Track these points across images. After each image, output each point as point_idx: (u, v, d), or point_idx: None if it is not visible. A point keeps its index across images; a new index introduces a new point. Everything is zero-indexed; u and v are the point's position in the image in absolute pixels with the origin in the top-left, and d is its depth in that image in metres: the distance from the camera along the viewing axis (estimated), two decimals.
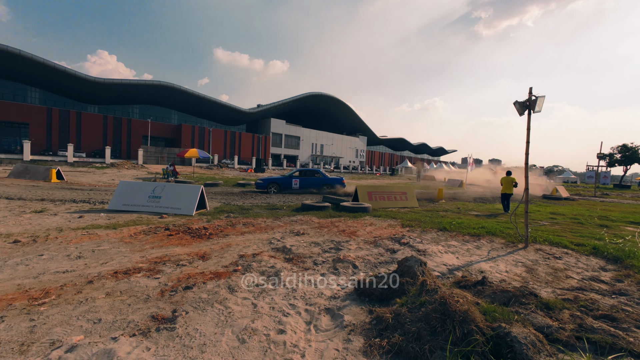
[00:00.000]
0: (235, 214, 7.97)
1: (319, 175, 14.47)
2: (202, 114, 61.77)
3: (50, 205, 7.90)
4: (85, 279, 3.49)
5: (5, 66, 39.19)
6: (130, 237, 5.33)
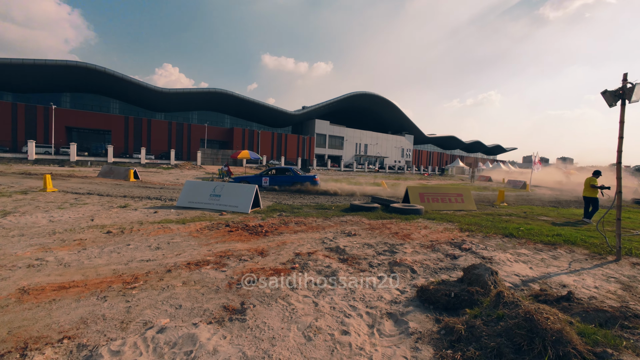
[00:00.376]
0: (287, 213, 8.24)
1: (290, 174, 14.55)
2: (251, 117, 65.39)
3: (131, 202, 9.06)
4: (164, 268, 3.92)
5: (93, 82, 46.19)
6: (197, 232, 5.85)
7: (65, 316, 2.65)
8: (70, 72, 42.26)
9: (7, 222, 5.85)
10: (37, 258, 4.03)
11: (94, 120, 47.09)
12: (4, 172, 17.38)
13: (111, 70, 43.82)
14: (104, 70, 43.34)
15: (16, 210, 6.93)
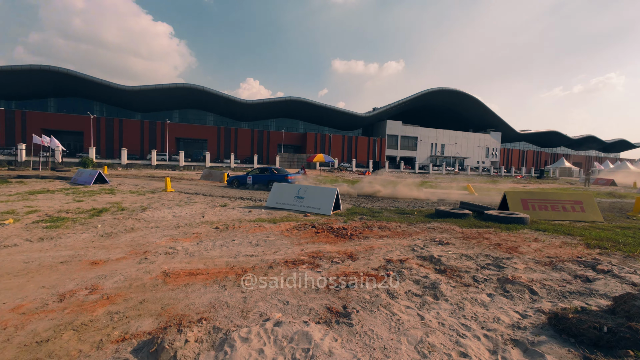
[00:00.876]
0: (368, 217, 8.13)
1: (267, 173, 16.14)
2: (322, 122, 67.58)
3: (229, 201, 10.33)
4: (266, 263, 4.27)
5: (195, 99, 54.83)
6: (288, 232, 6.24)
7: (198, 299, 3.11)
8: (179, 92, 51.18)
9: (146, 216, 7.33)
10: (170, 247, 4.90)
11: (195, 131, 55.90)
12: (137, 175, 22.08)
13: (208, 88, 51.33)
14: (203, 89, 51.04)
15: (150, 206, 8.65)
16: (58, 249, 4.67)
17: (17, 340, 2.32)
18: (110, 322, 2.62)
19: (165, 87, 49.23)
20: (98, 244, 5.05)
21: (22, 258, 4.20)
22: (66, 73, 43.30)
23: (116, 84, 47.43)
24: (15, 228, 5.76)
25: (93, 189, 12.49)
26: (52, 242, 4.99)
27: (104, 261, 4.17)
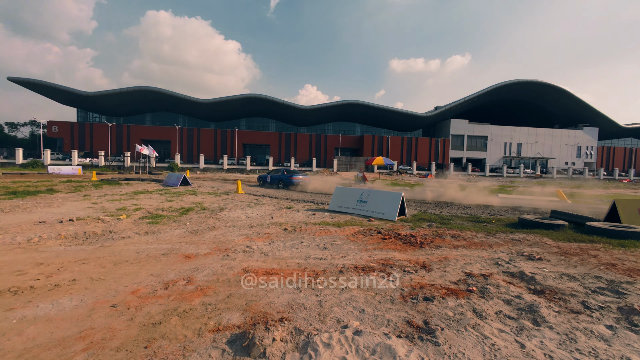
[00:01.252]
0: (437, 224, 7.58)
1: (279, 173, 18.88)
2: (380, 124, 66.08)
3: (293, 204, 10.79)
4: (336, 268, 4.29)
5: (259, 107, 59.13)
6: (353, 236, 6.19)
7: (277, 299, 3.27)
8: (246, 102, 55.89)
9: (223, 216, 8.11)
10: (247, 246, 5.30)
11: (259, 137, 60.31)
12: (212, 178, 24.76)
13: (270, 97, 54.90)
14: (266, 98, 54.78)
15: (226, 207, 9.56)
16: (159, 242, 5.47)
17: (138, 320, 2.75)
18: (205, 312, 2.92)
19: (234, 98, 54.29)
20: (188, 239, 5.76)
21: (135, 249, 5.02)
22: (159, 91, 51.20)
23: (195, 98, 54.16)
24: (128, 223, 6.95)
25: (180, 190, 14.40)
26: (155, 236, 5.87)
27: (195, 255, 4.72)
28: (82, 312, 2.86)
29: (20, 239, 5.29)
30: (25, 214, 7.77)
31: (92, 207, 9.08)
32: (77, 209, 8.68)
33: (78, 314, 2.84)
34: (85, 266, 4.15)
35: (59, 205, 9.07)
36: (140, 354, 2.26)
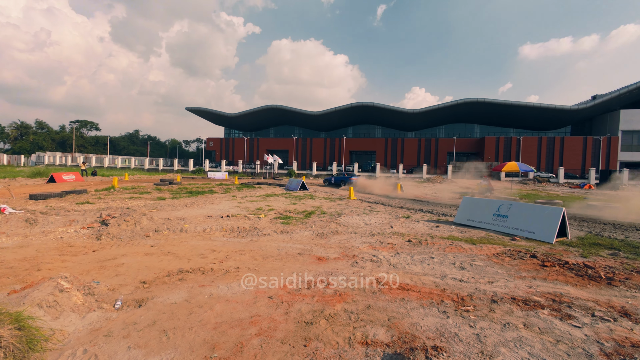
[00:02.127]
0: (625, 253, 5.50)
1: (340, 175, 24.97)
2: (506, 122, 55.71)
3: (409, 213, 10.15)
4: (485, 295, 3.59)
5: (365, 115, 59.97)
6: (497, 258, 5.17)
7: (421, 320, 2.95)
8: (352, 110, 57.78)
9: (342, 221, 8.37)
10: (373, 255, 5.19)
11: (364, 144, 61.14)
12: (324, 184, 26.48)
13: (377, 103, 54.85)
14: (372, 105, 55.05)
15: (342, 212, 9.87)
16: (293, 242, 6.05)
17: (292, 315, 2.99)
18: (349, 321, 2.91)
19: (342, 108, 57.00)
20: (316, 242, 6.14)
21: (275, 245, 5.71)
22: (280, 108, 59.36)
23: (308, 111, 59.87)
24: (266, 221, 8.09)
25: (299, 194, 15.97)
26: (289, 236, 6.56)
27: (326, 259, 4.94)
28: (249, 299, 3.34)
29: (200, 229, 6.89)
30: (198, 209, 10.18)
31: (239, 206, 11.09)
32: (229, 207, 10.77)
33: (246, 299, 3.33)
34: (242, 257, 4.96)
35: (218, 203, 11.50)
36: (302, 352, 2.40)
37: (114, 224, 6.39)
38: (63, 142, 63.22)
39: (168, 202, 11.60)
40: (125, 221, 6.52)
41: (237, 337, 2.58)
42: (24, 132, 60.62)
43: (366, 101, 55.30)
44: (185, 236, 6.34)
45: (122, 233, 6.22)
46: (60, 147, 61.47)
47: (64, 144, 62.94)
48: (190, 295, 3.36)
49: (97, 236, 6.03)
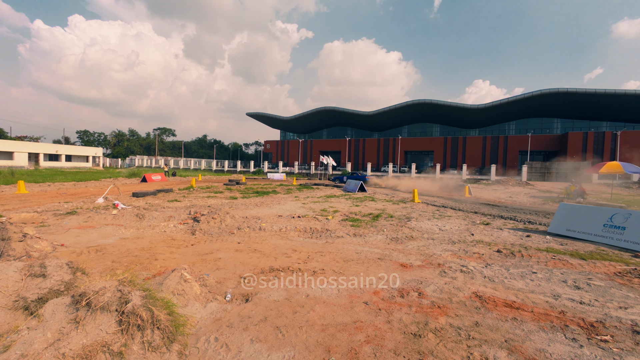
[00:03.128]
0: None
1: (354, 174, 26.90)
2: (595, 116, 47.32)
3: (487, 219, 9.22)
4: (621, 323, 3.01)
5: (421, 113, 56.89)
6: (620, 277, 4.34)
7: (548, 347, 2.59)
8: (408, 109, 55.35)
9: (414, 225, 7.99)
10: (461, 265, 4.81)
11: (421, 143, 58.03)
12: (380, 185, 25.85)
13: (434, 100, 51.59)
14: (430, 102, 51.95)
15: (411, 216, 9.44)
16: (369, 246, 5.97)
17: (395, 325, 2.90)
18: (460, 338, 2.70)
19: (396, 107, 55.02)
20: (393, 247, 5.96)
21: (352, 249, 5.70)
22: (333, 110, 59.94)
23: (361, 111, 59.23)
24: (335, 223, 8.16)
25: (359, 196, 15.82)
26: (362, 239, 6.50)
27: (410, 266, 4.74)
28: (345, 302, 3.36)
29: (276, 228, 7.26)
30: (267, 208, 10.78)
31: (304, 206, 11.44)
32: (294, 207, 11.18)
33: (342, 303, 3.36)
34: (323, 258, 5.05)
35: (284, 204, 12.04)
36: None
37: (204, 221, 7.12)
38: (148, 147, 73.68)
39: (240, 201, 12.55)
40: (213, 219, 7.21)
41: (347, 342, 2.59)
42: (120, 139, 72.39)
43: (424, 98, 52.42)
44: (264, 235, 6.74)
45: (211, 229, 6.89)
46: (146, 151, 71.76)
47: (149, 148, 73.32)
48: (289, 294, 3.52)
49: (191, 231, 6.79)
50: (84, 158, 49.85)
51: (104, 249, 5.36)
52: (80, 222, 7.45)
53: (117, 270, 4.17)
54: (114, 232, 6.67)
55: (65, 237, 6.02)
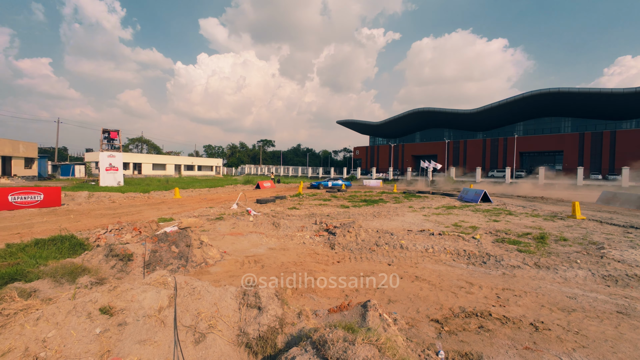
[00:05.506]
0: None
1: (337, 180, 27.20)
2: None
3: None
4: None
5: (543, 106, 46.45)
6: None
7: None
8: (525, 102, 46.12)
9: (615, 255, 5.71)
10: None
11: (543, 142, 47.42)
12: (503, 194, 21.75)
13: (565, 88, 41.37)
14: (558, 91, 41.93)
15: (594, 240, 6.96)
16: (577, 287, 4.33)
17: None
18: None
19: (511, 100, 46.58)
20: (615, 290, 4.16)
21: (554, 289, 4.20)
22: (429, 111, 55.37)
23: (462, 109, 52.73)
24: (488, 244, 6.61)
25: (487, 207, 13.32)
26: (555, 274, 4.85)
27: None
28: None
29: (419, 247, 6.29)
30: (388, 220, 9.93)
31: (427, 219, 10.11)
32: (417, 219, 9.98)
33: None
34: (522, 300, 3.79)
35: (402, 215, 10.98)
36: None
37: (339, 235, 6.77)
38: (254, 157, 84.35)
39: (353, 210, 12.13)
40: (348, 232, 6.80)
41: None
42: (233, 151, 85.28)
43: (549, 87, 42.69)
44: (411, 255, 5.87)
45: (349, 244, 6.45)
46: (252, 161, 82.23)
47: (254, 157, 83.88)
48: None
49: (330, 245, 6.50)
50: (209, 167, 60.51)
51: (261, 260, 5.48)
52: (229, 227, 8.21)
53: (289, 291, 3.97)
54: (259, 240, 6.98)
55: (224, 244, 6.55)
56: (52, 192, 11.87)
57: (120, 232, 6.67)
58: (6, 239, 6.59)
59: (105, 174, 23.90)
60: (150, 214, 10.46)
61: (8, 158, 31.20)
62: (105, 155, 23.92)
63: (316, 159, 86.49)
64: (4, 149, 30.32)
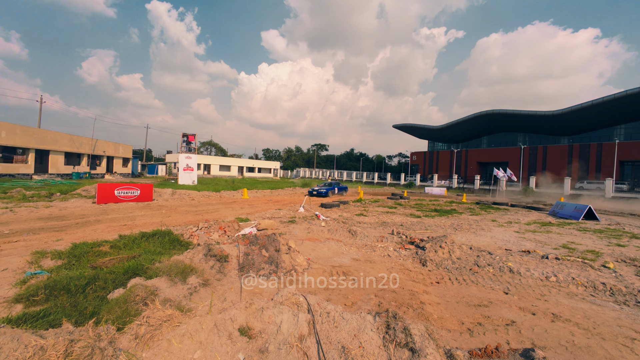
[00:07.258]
0: None
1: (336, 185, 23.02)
2: None
3: None
4: None
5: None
6: None
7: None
8: (627, 101, 38.31)
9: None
10: None
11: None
12: (618, 211, 18.09)
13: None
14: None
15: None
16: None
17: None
18: None
19: (612, 98, 39.17)
20: None
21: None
22: (500, 113, 49.80)
23: (543, 111, 46.20)
24: (627, 275, 5.20)
25: (596, 226, 11.00)
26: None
27: None
28: None
29: (536, 274, 5.22)
30: (471, 235, 8.76)
31: (523, 237, 8.66)
32: (509, 237, 8.60)
33: None
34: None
35: (488, 230, 9.63)
36: None
37: (430, 250, 6.04)
38: (308, 160, 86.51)
39: (426, 220, 11.12)
40: (440, 247, 6.03)
41: None
42: (289, 155, 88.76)
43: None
44: (529, 283, 4.88)
45: (443, 262, 5.69)
46: (307, 164, 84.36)
47: (309, 161, 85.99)
48: None
49: (420, 261, 5.83)
50: (268, 170, 63.84)
51: (348, 271, 5.10)
52: (304, 232, 8.08)
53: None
54: (339, 248, 6.64)
55: (305, 250, 6.35)
56: (146, 188, 13.39)
57: (209, 230, 6.98)
58: (117, 229, 7.42)
59: (183, 174, 26.57)
60: (227, 213, 11.01)
61: (111, 158, 37.15)
62: (183, 156, 26.63)
63: (369, 164, 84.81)
64: (109, 150, 36.16)
